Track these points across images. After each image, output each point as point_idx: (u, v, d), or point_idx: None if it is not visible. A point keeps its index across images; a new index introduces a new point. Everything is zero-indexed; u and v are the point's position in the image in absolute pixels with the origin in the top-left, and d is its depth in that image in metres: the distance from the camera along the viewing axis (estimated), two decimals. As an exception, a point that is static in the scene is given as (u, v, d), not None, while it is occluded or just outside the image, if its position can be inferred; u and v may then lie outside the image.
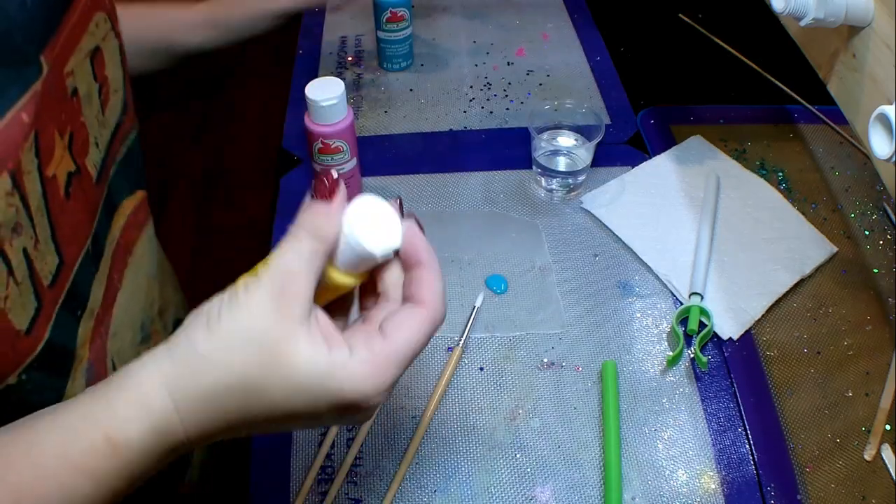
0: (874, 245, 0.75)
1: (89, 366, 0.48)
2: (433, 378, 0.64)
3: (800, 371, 0.65)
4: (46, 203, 0.42)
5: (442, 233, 0.75)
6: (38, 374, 0.43)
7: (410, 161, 0.84)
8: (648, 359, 0.65)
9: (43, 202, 0.41)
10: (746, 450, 0.60)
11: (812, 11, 0.50)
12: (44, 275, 0.42)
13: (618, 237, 0.75)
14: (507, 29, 1.04)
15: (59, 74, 0.43)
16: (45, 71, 0.41)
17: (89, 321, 0.48)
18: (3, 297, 0.38)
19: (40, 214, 0.41)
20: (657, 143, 0.86)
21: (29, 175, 0.39)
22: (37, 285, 0.41)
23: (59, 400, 0.39)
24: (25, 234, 0.40)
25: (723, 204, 0.78)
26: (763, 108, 0.91)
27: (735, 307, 0.68)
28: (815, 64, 0.59)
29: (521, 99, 0.92)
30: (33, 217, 0.40)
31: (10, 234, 0.38)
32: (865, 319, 0.69)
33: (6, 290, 0.38)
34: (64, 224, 0.44)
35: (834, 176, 0.82)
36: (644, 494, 0.57)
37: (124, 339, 0.53)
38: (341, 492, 0.57)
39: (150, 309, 0.59)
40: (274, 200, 0.80)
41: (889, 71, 0.48)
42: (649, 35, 1.05)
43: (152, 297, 0.60)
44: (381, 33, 0.93)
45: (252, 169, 2.02)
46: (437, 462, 0.59)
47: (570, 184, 0.79)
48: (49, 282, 0.43)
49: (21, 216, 0.39)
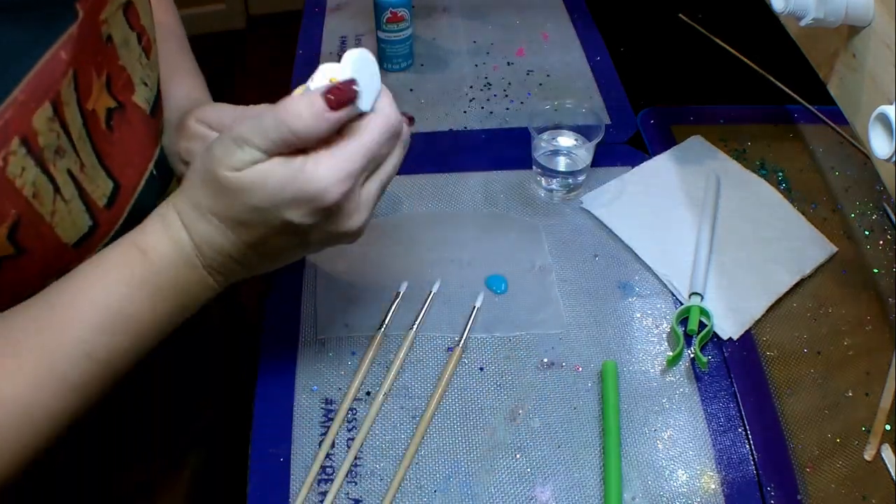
0: (874, 245, 0.75)
1: None
2: (433, 378, 0.64)
3: (800, 371, 0.65)
4: (88, 133, 0.47)
5: (442, 233, 0.75)
6: None
7: (410, 161, 0.83)
8: (648, 359, 0.65)
9: (84, 132, 0.47)
10: (746, 450, 0.60)
11: (812, 11, 0.50)
12: (97, 196, 0.48)
13: (618, 237, 0.75)
14: (507, 29, 1.04)
15: (95, 21, 0.47)
16: (81, 16, 0.45)
17: None
18: (49, 213, 0.44)
19: (83, 142, 0.47)
20: (657, 143, 0.86)
21: (68, 106, 0.45)
22: (90, 206, 0.48)
23: None
24: (69, 157, 0.45)
25: (723, 204, 0.78)
26: (763, 108, 0.91)
27: (735, 307, 0.68)
28: (815, 64, 0.59)
29: (521, 99, 0.92)
30: (75, 143, 0.46)
31: (54, 157, 0.44)
32: (865, 319, 0.69)
33: (52, 206, 0.44)
34: (112, 152, 0.50)
35: (834, 176, 0.82)
36: (644, 494, 0.57)
37: None
38: (341, 492, 0.57)
39: None
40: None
41: (889, 71, 0.48)
42: (649, 35, 1.05)
43: None
44: (381, 33, 0.93)
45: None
46: (437, 462, 0.59)
47: (570, 184, 0.79)
48: (104, 203, 0.49)
49: (62, 141, 0.45)
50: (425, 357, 0.65)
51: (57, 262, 0.46)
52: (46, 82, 0.42)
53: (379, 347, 0.65)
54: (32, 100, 0.42)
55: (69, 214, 0.46)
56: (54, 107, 0.43)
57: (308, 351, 0.66)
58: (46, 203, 0.44)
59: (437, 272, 0.71)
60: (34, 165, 0.42)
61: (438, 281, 0.70)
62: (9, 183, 0.41)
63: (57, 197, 0.45)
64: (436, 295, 0.69)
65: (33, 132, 0.42)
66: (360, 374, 0.63)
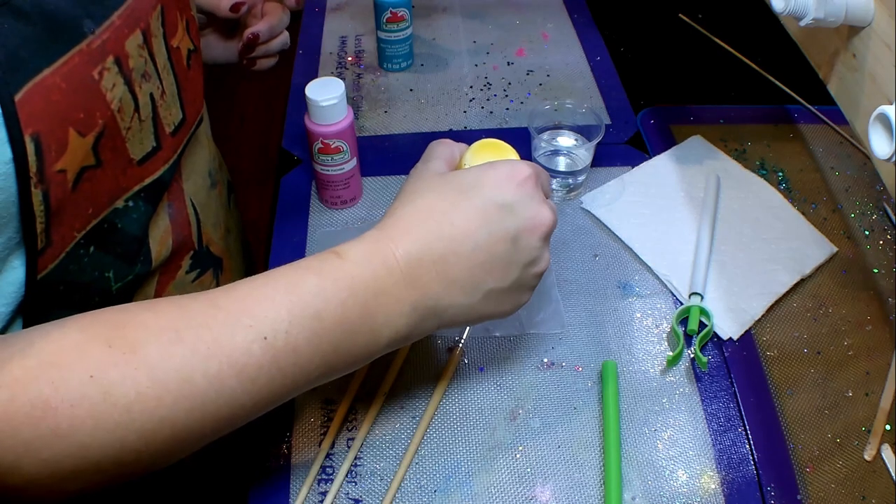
0: (874, 245, 0.75)
1: (169, 202, 0.58)
2: (433, 378, 0.64)
3: (800, 371, 0.65)
4: (172, 66, 0.54)
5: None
6: (139, 203, 0.52)
7: (410, 161, 0.83)
8: (648, 359, 0.65)
9: (169, 64, 0.53)
10: (746, 450, 0.60)
11: (812, 11, 0.50)
12: (167, 123, 0.54)
13: (618, 237, 0.75)
14: (507, 29, 1.04)
15: None
16: None
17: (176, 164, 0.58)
18: (126, 129, 0.48)
19: (166, 72, 0.53)
20: (657, 143, 0.86)
21: (156, 38, 0.51)
22: (158, 129, 0.52)
23: (145, 229, 0.53)
24: (153, 82, 0.51)
25: (723, 204, 0.78)
26: (763, 108, 0.91)
27: (735, 307, 0.68)
28: (815, 64, 0.59)
29: (521, 99, 0.92)
30: (160, 72, 0.52)
31: (140, 79, 0.49)
32: (865, 319, 0.69)
33: (130, 123, 0.48)
34: (188, 88, 0.57)
35: (834, 176, 0.82)
36: (644, 494, 0.57)
37: (196, 183, 0.63)
38: (341, 492, 0.57)
39: (213, 161, 0.69)
40: (274, 200, 0.80)
41: (889, 71, 0.48)
42: (649, 35, 1.05)
43: (213, 151, 0.70)
44: (381, 33, 0.93)
45: (252, 169, 2.02)
46: (437, 462, 0.59)
47: (570, 184, 0.79)
48: (171, 130, 0.54)
49: (149, 67, 0.50)
50: (425, 357, 0.65)
51: (122, 176, 0.49)
52: (139, 13, 0.49)
53: (379, 347, 0.66)
54: (126, 25, 0.47)
55: (140, 133, 0.50)
56: (144, 35, 0.49)
57: (308, 351, 0.66)
58: (126, 119, 0.48)
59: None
60: (123, 83, 0.47)
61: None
62: (101, 95, 0.45)
63: (135, 115, 0.49)
64: (436, 295, 0.69)
65: (125, 54, 0.47)
66: (359, 374, 0.63)
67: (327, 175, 0.74)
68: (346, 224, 0.77)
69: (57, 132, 0.42)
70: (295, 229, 0.76)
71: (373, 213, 0.78)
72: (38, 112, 0.41)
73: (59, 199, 0.44)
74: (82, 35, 0.44)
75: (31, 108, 0.40)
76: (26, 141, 0.40)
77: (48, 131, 0.42)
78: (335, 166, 0.74)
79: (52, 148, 0.42)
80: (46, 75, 0.41)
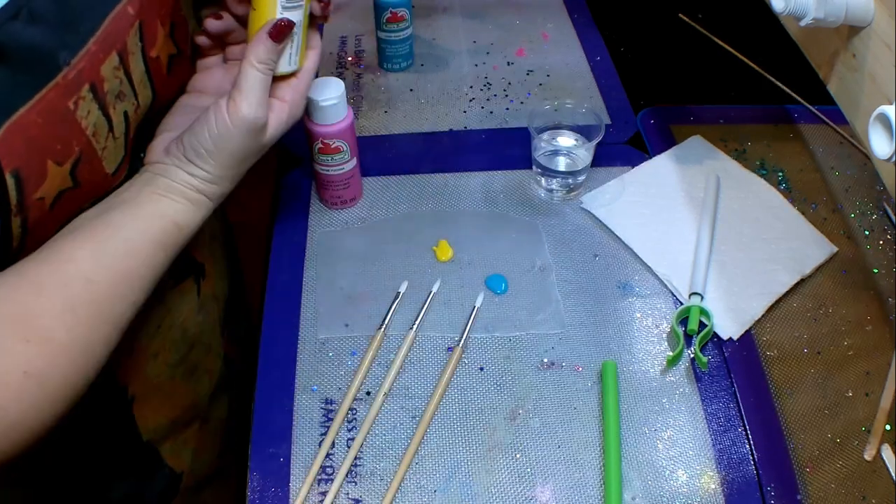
0: (874, 245, 0.75)
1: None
2: (433, 378, 0.64)
3: (800, 371, 0.65)
4: (150, 78, 0.53)
5: (442, 233, 0.75)
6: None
7: (410, 161, 0.84)
8: (648, 359, 0.65)
9: (146, 77, 0.52)
10: (746, 450, 0.60)
11: (812, 11, 0.50)
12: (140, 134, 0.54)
13: (618, 237, 0.75)
14: (507, 29, 1.04)
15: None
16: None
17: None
18: (102, 149, 0.49)
19: (143, 86, 0.52)
20: (657, 143, 0.86)
21: (133, 55, 0.50)
22: (127, 140, 0.52)
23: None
24: (128, 101, 0.51)
25: (723, 204, 0.78)
26: (763, 108, 0.91)
27: (735, 307, 0.68)
28: (815, 64, 0.59)
29: (521, 99, 0.92)
30: (136, 88, 0.51)
31: (115, 100, 0.49)
32: (865, 319, 0.69)
33: (105, 143, 0.49)
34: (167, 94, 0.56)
35: (834, 176, 0.82)
36: (644, 494, 0.57)
37: None
38: (341, 492, 0.57)
39: None
40: (274, 200, 0.80)
41: (889, 71, 0.48)
42: (649, 35, 1.05)
43: None
44: (381, 33, 0.93)
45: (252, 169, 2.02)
46: (437, 462, 0.59)
47: (570, 184, 0.79)
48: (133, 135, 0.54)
49: (124, 86, 0.50)
50: (425, 357, 0.65)
51: (99, 190, 0.50)
52: (114, 36, 0.48)
53: (379, 347, 0.66)
54: (102, 50, 0.47)
55: (115, 149, 0.50)
56: (120, 56, 0.49)
57: (308, 351, 0.66)
58: (101, 140, 0.48)
59: (437, 272, 0.71)
60: (97, 109, 0.47)
61: (438, 281, 0.70)
62: (76, 123, 0.46)
63: (109, 135, 0.49)
64: (436, 295, 0.69)
65: (101, 79, 0.47)
66: (360, 374, 0.63)
67: (327, 175, 0.74)
68: (346, 224, 0.77)
69: (35, 165, 0.43)
70: (295, 229, 0.76)
71: (373, 213, 0.78)
72: (18, 149, 0.42)
73: (37, 219, 0.45)
74: (57, 69, 0.44)
75: (9, 147, 0.41)
76: (6, 177, 0.41)
77: (27, 165, 0.42)
78: (335, 166, 0.74)
79: (32, 180, 0.43)
80: (23, 113, 0.42)
